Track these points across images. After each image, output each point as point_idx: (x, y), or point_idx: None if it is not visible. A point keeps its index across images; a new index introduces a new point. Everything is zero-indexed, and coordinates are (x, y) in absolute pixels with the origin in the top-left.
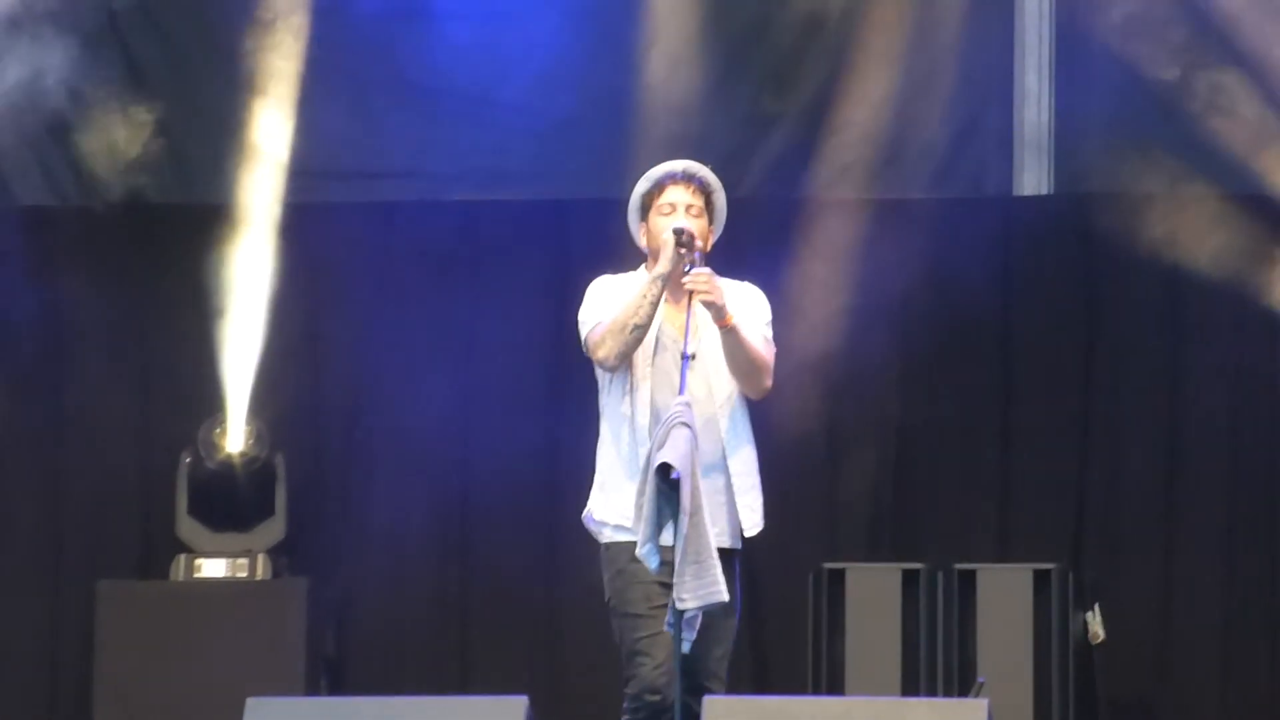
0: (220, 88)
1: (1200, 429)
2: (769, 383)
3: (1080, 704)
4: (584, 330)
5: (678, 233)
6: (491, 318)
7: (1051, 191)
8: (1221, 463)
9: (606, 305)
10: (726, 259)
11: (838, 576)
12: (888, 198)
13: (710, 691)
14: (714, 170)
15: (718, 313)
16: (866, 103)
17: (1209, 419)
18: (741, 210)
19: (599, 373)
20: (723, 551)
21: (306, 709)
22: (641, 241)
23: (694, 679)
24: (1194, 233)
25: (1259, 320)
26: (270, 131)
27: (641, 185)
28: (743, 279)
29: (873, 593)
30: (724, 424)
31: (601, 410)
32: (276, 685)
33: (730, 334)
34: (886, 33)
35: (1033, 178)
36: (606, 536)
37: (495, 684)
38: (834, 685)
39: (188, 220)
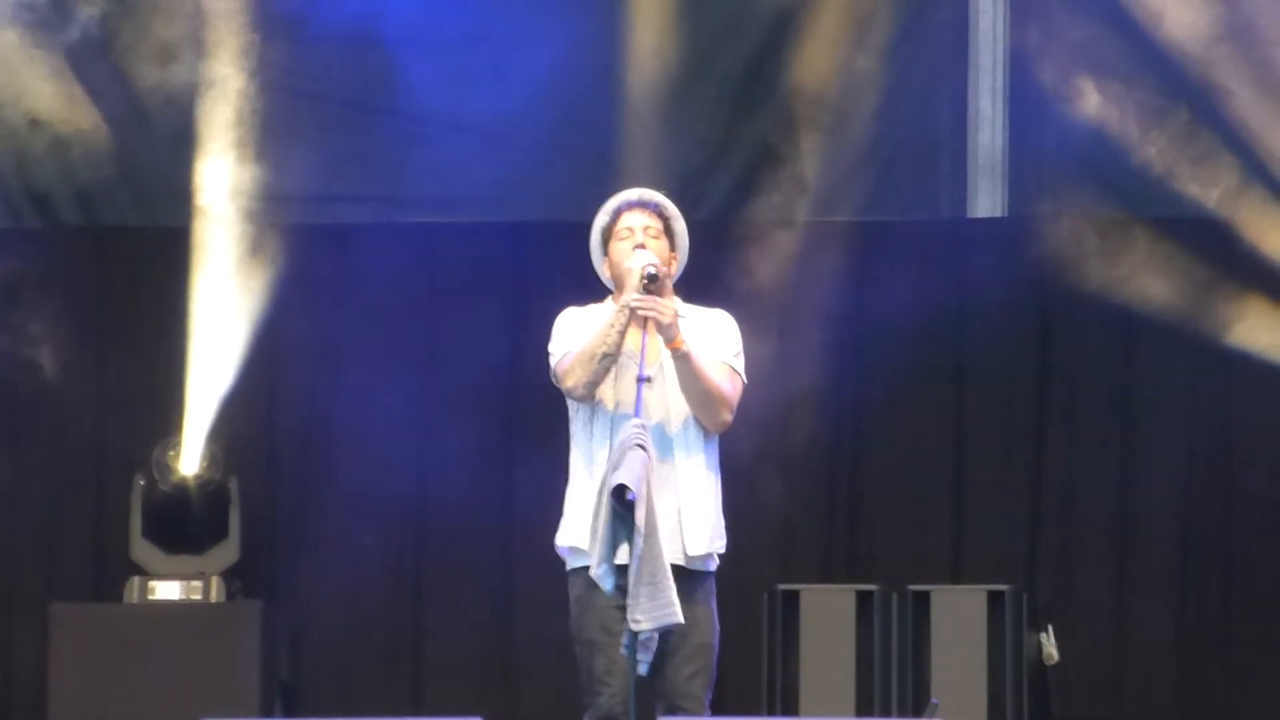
0: (176, 111)
1: (1154, 451)
2: (727, 416)
3: None
4: (553, 360)
5: (647, 277)
6: (449, 341)
7: (1006, 214)
8: (1175, 483)
9: (574, 335)
10: (684, 281)
11: (792, 598)
12: (840, 220)
13: (686, 713)
14: (671, 197)
15: (666, 334)
16: (822, 126)
17: (1163, 441)
18: (699, 234)
19: (569, 401)
20: (684, 571)
21: None
22: (605, 274)
23: (668, 700)
24: (1146, 257)
25: (1211, 344)
26: (228, 155)
27: (600, 219)
28: (702, 302)
29: (827, 614)
30: (678, 447)
31: (570, 437)
32: (231, 708)
33: (682, 359)
34: (841, 58)
35: (987, 200)
36: (569, 563)
37: (450, 709)
38: (789, 707)
39: (145, 243)
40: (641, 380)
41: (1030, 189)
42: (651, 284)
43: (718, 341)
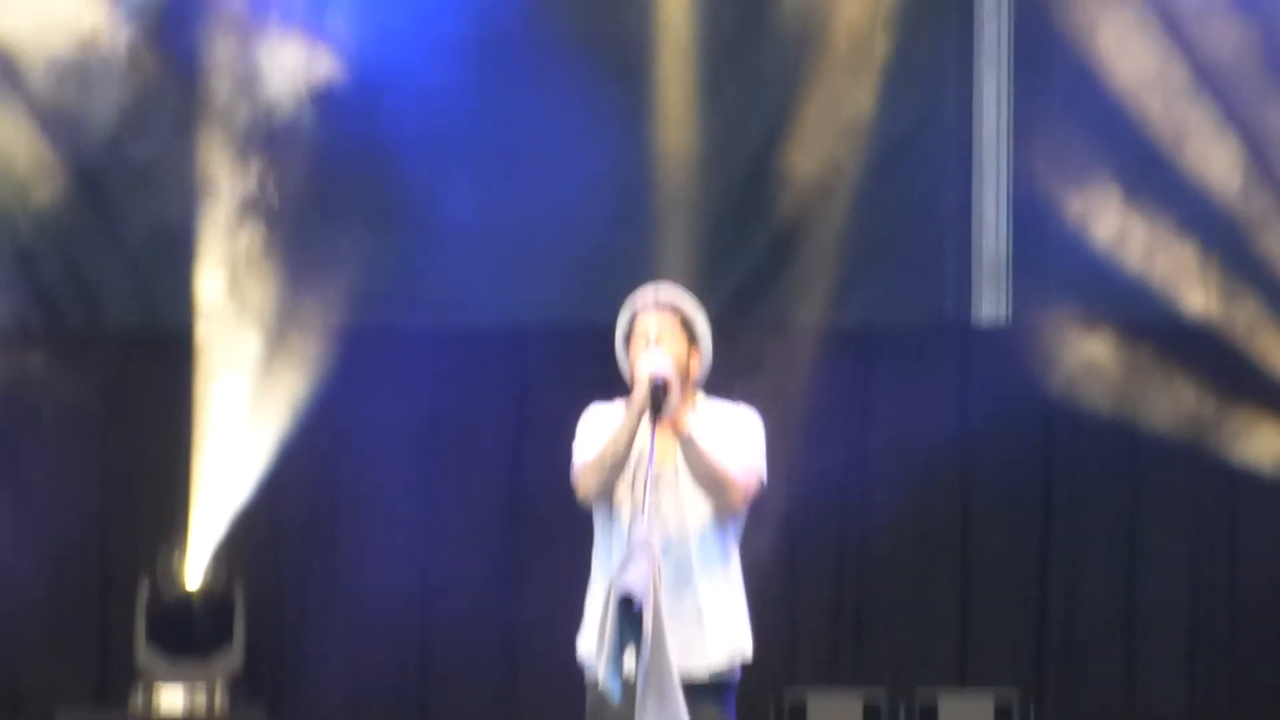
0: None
1: (1159, 565)
2: (737, 499)
3: None
4: (574, 468)
5: (654, 389)
6: (451, 447)
7: (1010, 314)
8: (1182, 590)
9: (592, 439)
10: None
11: (798, 709)
12: (846, 324)
13: None
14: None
15: (671, 420)
16: (828, 230)
17: (1168, 555)
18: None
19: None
20: (706, 685)
21: None
22: (628, 375)
23: None
24: (1149, 368)
25: (1215, 455)
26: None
27: (621, 318)
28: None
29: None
30: (694, 548)
31: (593, 542)
32: None
33: (687, 444)
34: (843, 160)
35: (991, 304)
36: (586, 671)
37: None
38: None
39: (150, 347)
40: (649, 482)
41: (1035, 293)
42: (660, 394)
43: (734, 435)
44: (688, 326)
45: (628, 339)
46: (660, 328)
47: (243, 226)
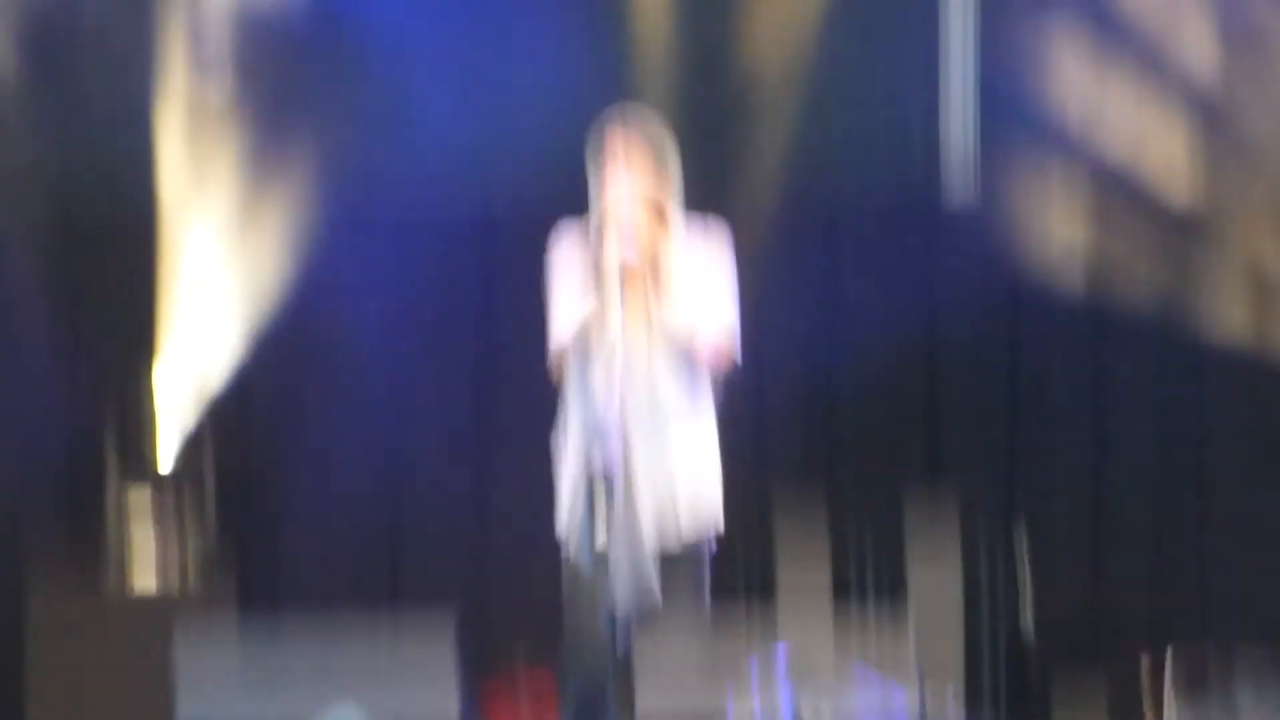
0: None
1: (1126, 445)
2: (705, 370)
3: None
4: (549, 351)
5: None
6: (419, 333)
7: (978, 198)
8: (1150, 469)
9: (565, 307)
10: None
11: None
12: (812, 211)
13: None
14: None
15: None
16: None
17: (1135, 435)
18: None
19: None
20: (679, 554)
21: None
22: (594, 187)
23: None
24: (1118, 247)
25: (1185, 336)
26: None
27: (592, 141)
28: None
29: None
30: (667, 417)
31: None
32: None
33: (657, 328)
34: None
35: (958, 189)
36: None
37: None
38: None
39: (113, 235)
40: (618, 357)
41: (1002, 177)
42: (626, 276)
43: (706, 304)
44: (657, 150)
45: (598, 157)
46: (629, 143)
47: (206, 115)
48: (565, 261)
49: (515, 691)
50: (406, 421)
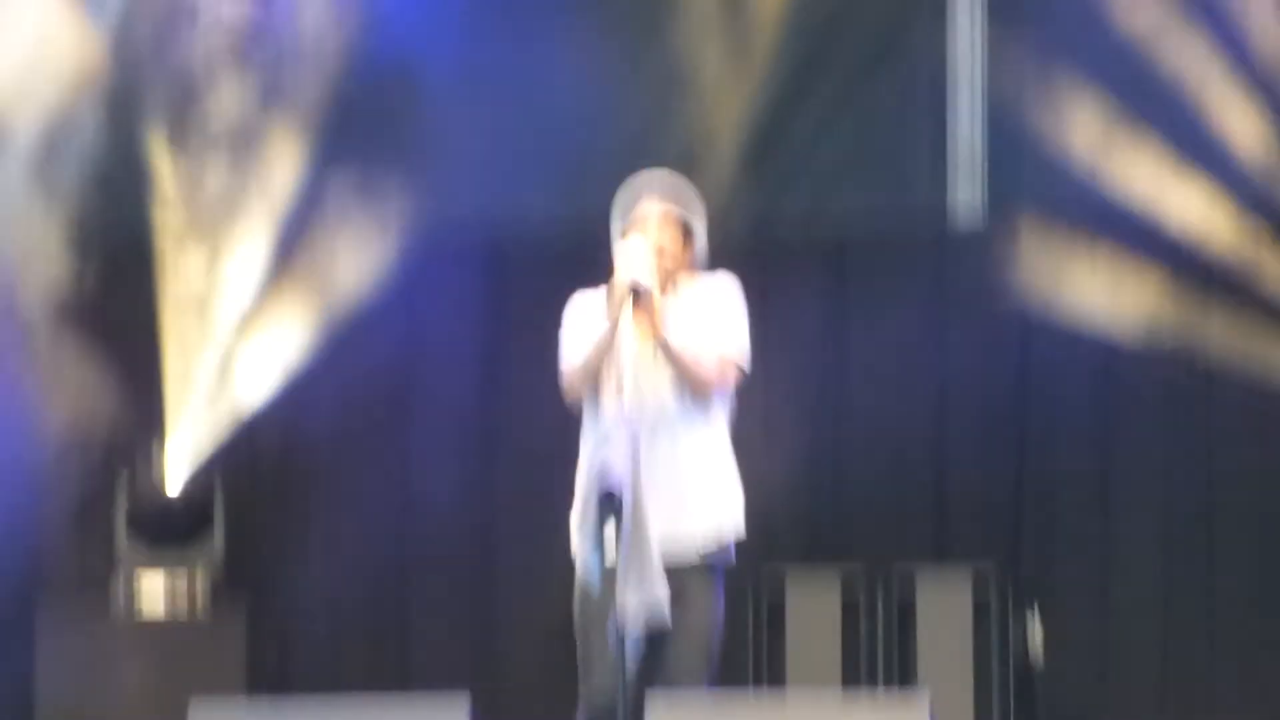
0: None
1: (1134, 464)
2: (710, 393)
3: (1020, 699)
4: (562, 371)
5: (633, 293)
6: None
7: (985, 220)
8: (1157, 487)
9: (577, 340)
10: None
11: (777, 580)
12: (820, 233)
13: None
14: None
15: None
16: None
17: (1143, 455)
18: None
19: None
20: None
21: (251, 714)
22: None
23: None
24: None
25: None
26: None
27: (621, 194)
28: None
29: (812, 594)
30: (678, 431)
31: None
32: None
33: (661, 349)
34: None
35: (966, 210)
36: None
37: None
38: (774, 686)
39: (128, 237)
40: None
41: (1010, 199)
42: (638, 299)
43: (713, 320)
44: (685, 220)
45: (624, 218)
46: (660, 212)
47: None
48: (578, 308)
49: None
50: (416, 446)
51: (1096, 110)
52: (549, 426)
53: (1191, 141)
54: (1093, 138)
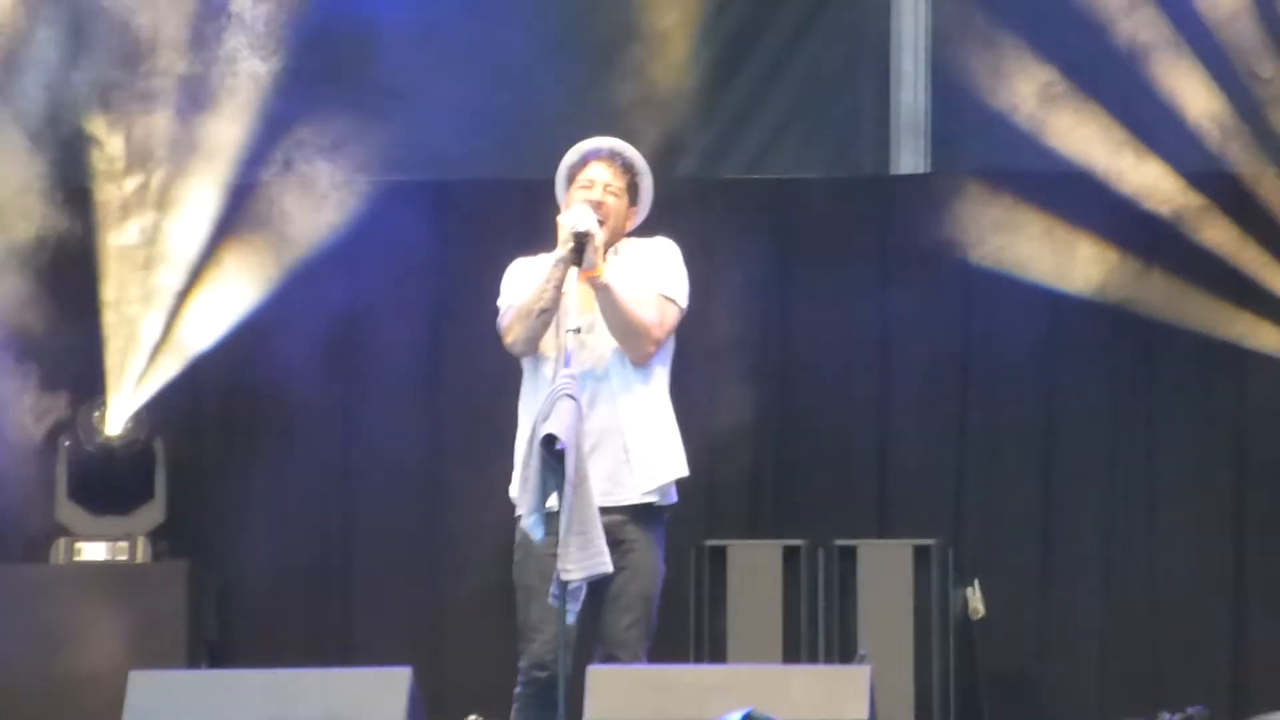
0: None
1: (1078, 405)
2: (650, 348)
3: (960, 677)
4: (499, 316)
5: (574, 236)
6: (374, 294)
7: (928, 171)
8: (1100, 437)
9: (518, 288)
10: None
11: (719, 553)
12: (765, 178)
13: (619, 661)
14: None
15: (584, 261)
16: (742, 87)
17: (1086, 396)
18: None
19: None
20: (633, 510)
21: (190, 681)
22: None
23: (605, 648)
24: (1069, 216)
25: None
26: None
27: (568, 157)
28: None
29: (754, 568)
30: (617, 386)
31: (520, 390)
32: (158, 667)
33: (601, 290)
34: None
35: (909, 160)
36: (517, 509)
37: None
38: (717, 658)
39: (68, 197)
40: (571, 332)
41: (952, 148)
42: (580, 242)
43: (652, 269)
44: (632, 183)
45: (570, 181)
46: (607, 177)
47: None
48: (519, 268)
49: None
50: (359, 400)
51: (1041, 74)
52: (493, 383)
53: (1137, 106)
54: (1036, 101)
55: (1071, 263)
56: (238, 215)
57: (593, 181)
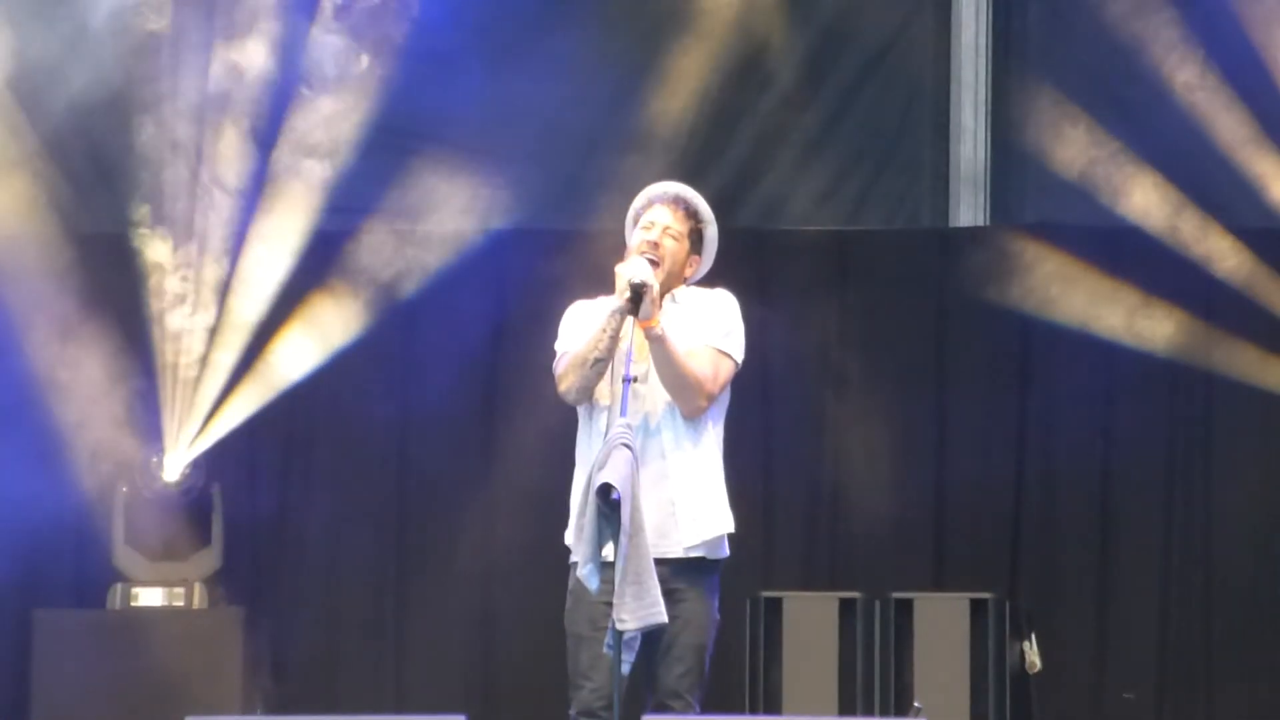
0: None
1: (1135, 462)
2: (702, 402)
3: None
4: (555, 362)
5: (631, 288)
6: (430, 345)
7: (987, 225)
8: (1157, 491)
9: (575, 335)
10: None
11: (774, 604)
12: (825, 229)
13: (672, 711)
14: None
15: (640, 311)
16: (803, 139)
17: (1144, 451)
18: None
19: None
20: (681, 564)
21: None
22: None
23: (657, 698)
24: (1122, 269)
25: (1190, 360)
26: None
27: (636, 201)
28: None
29: (809, 620)
30: (668, 439)
31: (576, 436)
32: (213, 712)
33: (655, 341)
34: (824, 70)
35: (968, 212)
36: (572, 556)
37: (432, 709)
38: (772, 710)
39: (119, 246)
40: (627, 381)
41: (1011, 201)
42: (637, 293)
43: (709, 322)
44: (696, 230)
45: (635, 222)
46: (669, 220)
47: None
48: (576, 313)
49: None
50: (415, 443)
51: (1099, 130)
52: (549, 427)
53: (1196, 163)
54: (1094, 157)
55: (1130, 318)
56: (293, 263)
57: (653, 223)
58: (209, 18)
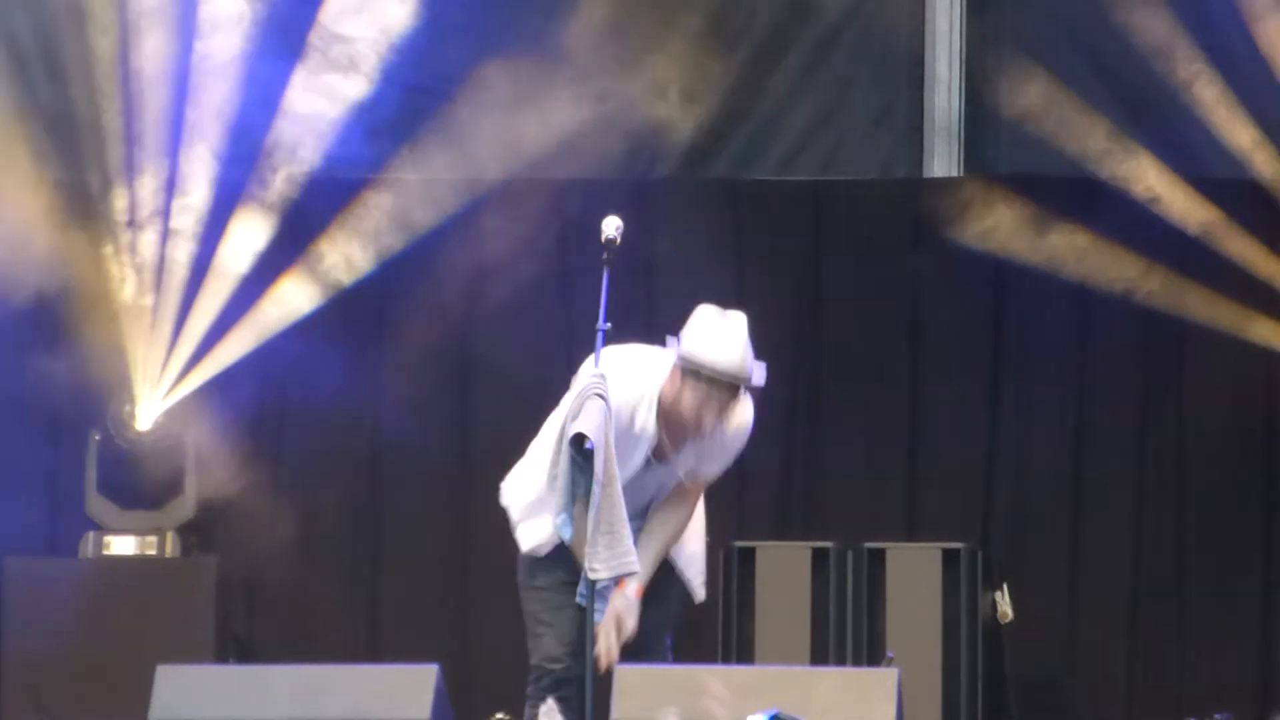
0: None
1: (1107, 410)
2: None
3: (988, 681)
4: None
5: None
6: (406, 294)
7: (961, 175)
8: (1128, 441)
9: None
10: (641, 245)
11: (748, 554)
12: (799, 180)
13: (646, 659)
14: (629, 155)
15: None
16: (778, 89)
17: (1117, 399)
18: (656, 192)
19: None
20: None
21: (217, 676)
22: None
23: (644, 657)
24: (1096, 217)
25: (1163, 310)
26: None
27: (699, 352)
28: (655, 264)
29: (783, 570)
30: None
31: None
32: (186, 660)
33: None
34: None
35: (943, 163)
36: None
37: (406, 658)
38: (744, 660)
39: (93, 198)
40: (601, 330)
41: (986, 152)
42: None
43: (715, 459)
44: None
45: (691, 370)
46: (727, 401)
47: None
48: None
49: None
50: (389, 398)
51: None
52: (524, 382)
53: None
54: (1066, 108)
55: (1103, 266)
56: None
57: (708, 402)
58: None
